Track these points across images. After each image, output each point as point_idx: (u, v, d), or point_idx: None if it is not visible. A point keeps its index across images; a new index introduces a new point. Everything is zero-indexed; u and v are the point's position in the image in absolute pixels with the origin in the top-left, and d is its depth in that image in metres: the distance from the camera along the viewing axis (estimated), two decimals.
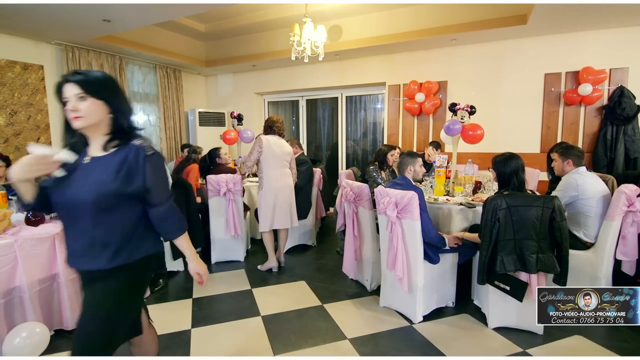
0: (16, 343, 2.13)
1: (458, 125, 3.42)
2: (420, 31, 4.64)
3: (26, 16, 3.59)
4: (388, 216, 2.55)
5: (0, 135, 4.14)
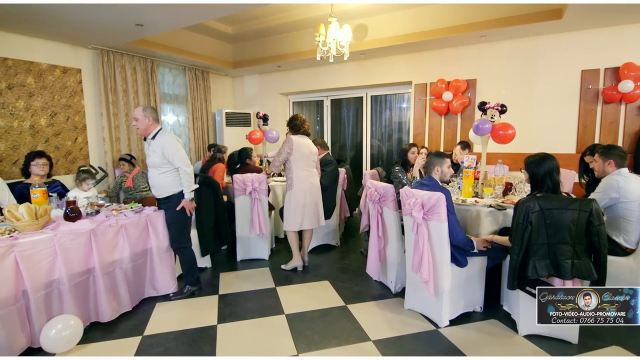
0: (52, 335, 2.25)
1: (488, 124, 3.31)
2: (448, 28, 4.53)
3: (66, 22, 3.79)
4: (414, 217, 2.51)
5: (42, 135, 4.39)
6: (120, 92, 5.02)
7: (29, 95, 4.24)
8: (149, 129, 2.93)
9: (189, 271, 3.10)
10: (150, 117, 2.90)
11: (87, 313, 2.56)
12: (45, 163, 3.43)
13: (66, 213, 2.61)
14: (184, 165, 2.86)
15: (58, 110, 4.52)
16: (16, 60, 4.12)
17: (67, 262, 2.39)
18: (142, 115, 2.88)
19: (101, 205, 2.97)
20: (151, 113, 2.92)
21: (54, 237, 2.36)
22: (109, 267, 2.65)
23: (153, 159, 2.91)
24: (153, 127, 2.94)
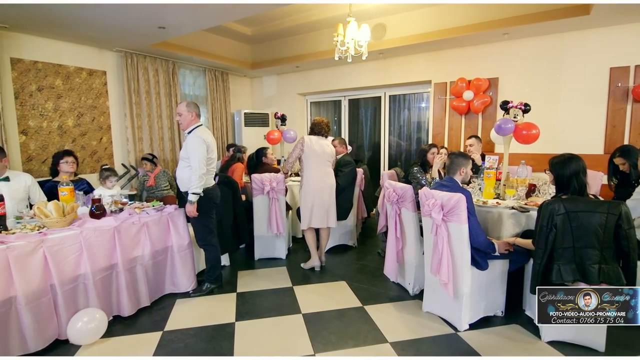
0: (78, 327, 2.33)
1: (510, 124, 3.23)
2: (469, 26, 4.44)
3: (92, 26, 3.92)
4: (433, 219, 2.47)
5: (69, 135, 4.55)
6: (143, 94, 5.16)
7: (57, 96, 4.40)
8: (190, 124, 2.99)
9: (211, 269, 3.14)
10: (193, 112, 2.99)
11: (110, 307, 2.64)
12: (73, 162, 3.56)
13: (91, 210, 2.70)
14: (196, 167, 2.84)
15: (84, 111, 4.68)
16: (46, 63, 4.29)
17: (92, 257, 2.47)
18: (186, 110, 2.96)
19: (125, 203, 3.06)
20: (194, 108, 3.00)
21: (80, 233, 2.45)
22: (130, 263, 2.73)
23: (182, 151, 3.00)
24: (194, 122, 3.00)
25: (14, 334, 2.15)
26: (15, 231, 2.35)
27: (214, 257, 3.14)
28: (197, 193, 2.86)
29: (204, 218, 3.02)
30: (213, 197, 3.07)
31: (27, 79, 4.14)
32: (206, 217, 3.03)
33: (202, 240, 3.09)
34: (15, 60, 4.03)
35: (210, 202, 3.05)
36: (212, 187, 3.06)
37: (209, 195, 3.02)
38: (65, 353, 2.29)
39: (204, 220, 3.03)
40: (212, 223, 3.10)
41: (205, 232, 3.07)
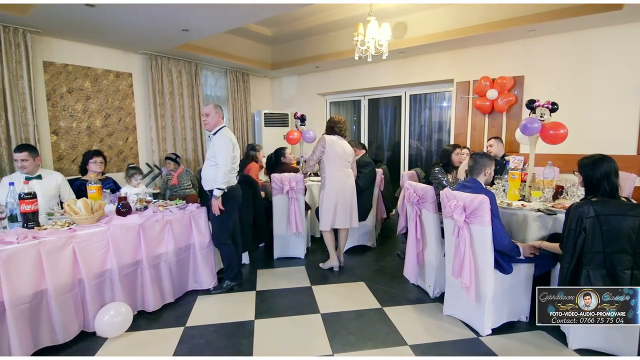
0: (105, 320, 2.42)
1: (537, 123, 3.13)
2: (493, 23, 4.33)
3: (119, 30, 4.05)
4: (455, 220, 2.42)
5: (97, 135, 4.72)
6: (167, 95, 5.29)
7: (86, 98, 4.57)
8: (216, 125, 3.10)
9: (229, 267, 3.19)
10: (220, 114, 3.14)
11: (135, 302, 2.72)
12: (102, 161, 3.69)
13: (118, 208, 2.79)
14: (223, 164, 2.94)
15: (111, 112, 4.85)
16: (75, 66, 4.46)
17: (118, 253, 2.55)
18: (214, 111, 3.10)
19: (149, 201, 3.14)
20: (220, 111, 3.17)
21: (107, 230, 2.53)
22: (155, 259, 2.80)
23: (208, 152, 3.11)
24: (219, 123, 3.13)
25: (44, 325, 2.24)
26: (47, 227, 2.46)
27: (229, 256, 3.18)
28: (221, 189, 2.95)
29: (225, 216, 3.06)
30: (236, 196, 3.13)
31: (59, 81, 4.32)
32: (227, 215, 3.08)
33: (217, 239, 3.14)
34: (47, 64, 4.22)
35: (233, 201, 3.10)
36: (235, 186, 3.13)
37: (232, 193, 3.08)
38: (91, 345, 2.37)
39: (225, 217, 3.07)
40: (231, 222, 3.15)
41: (222, 231, 3.11)
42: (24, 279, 2.12)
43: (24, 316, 2.12)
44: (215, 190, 2.96)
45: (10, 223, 2.43)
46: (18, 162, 3.00)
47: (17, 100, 3.84)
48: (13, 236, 2.18)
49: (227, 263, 3.19)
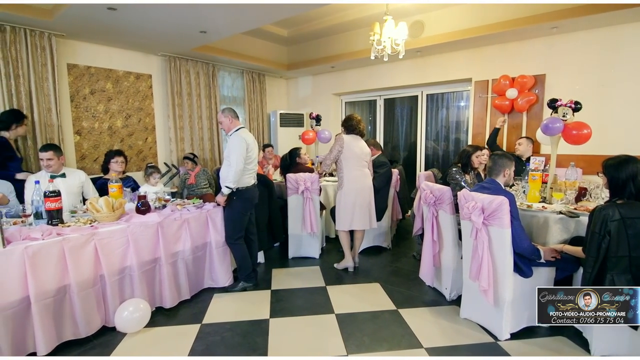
0: (124, 316, 2.47)
1: (559, 123, 3.04)
2: (513, 21, 4.22)
3: (140, 33, 4.15)
4: (473, 222, 2.38)
5: (118, 135, 4.84)
6: (185, 96, 5.38)
7: (107, 99, 4.70)
8: (230, 127, 3.15)
9: (241, 268, 3.20)
10: (229, 116, 3.16)
11: (153, 298, 2.77)
12: (123, 161, 3.79)
13: (137, 206, 2.85)
14: (234, 163, 2.95)
15: (132, 112, 4.96)
16: (98, 68, 4.59)
17: (137, 251, 2.61)
18: (222, 115, 3.16)
19: (167, 200, 3.20)
20: (229, 112, 3.18)
21: (127, 228, 2.59)
22: (172, 257, 2.85)
23: (225, 152, 3.16)
24: (233, 125, 3.16)
25: (67, 319, 2.31)
26: (70, 224, 2.53)
27: (238, 256, 3.18)
28: (229, 187, 2.98)
29: (237, 215, 3.10)
30: (250, 197, 3.14)
31: (82, 83, 4.45)
32: (240, 215, 3.10)
33: (229, 238, 3.16)
34: (71, 66, 4.35)
35: (247, 202, 3.12)
36: (251, 187, 3.14)
37: (246, 194, 3.10)
38: (112, 340, 2.43)
39: (237, 217, 3.10)
40: (243, 222, 3.15)
41: (234, 230, 3.13)
42: (48, 274, 2.19)
43: (48, 310, 2.20)
44: (223, 188, 3.01)
45: (35, 220, 2.52)
46: (44, 161, 3.10)
47: (43, 101, 3.98)
48: (38, 233, 2.26)
49: (239, 263, 3.20)
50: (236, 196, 3.06)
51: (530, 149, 4.08)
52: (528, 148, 4.02)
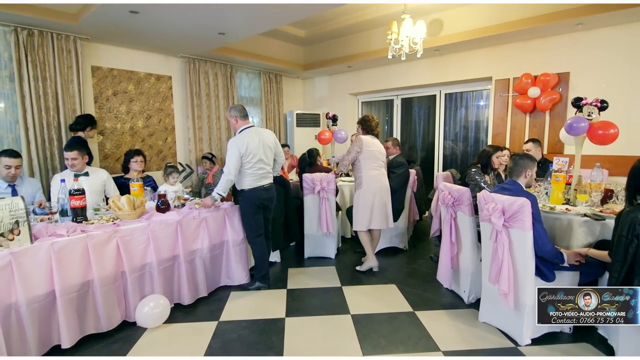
0: (145, 311, 2.54)
1: (584, 123, 2.94)
2: (536, 18, 4.11)
3: (161, 35, 4.24)
4: (493, 224, 2.33)
5: (139, 135, 4.96)
6: (204, 96, 5.47)
7: (129, 100, 4.82)
8: (235, 128, 3.11)
9: (257, 267, 3.22)
10: (234, 116, 3.09)
11: (171, 295, 2.83)
12: (142, 160, 3.88)
13: (158, 205, 2.91)
14: (226, 172, 2.97)
15: (152, 113, 5.08)
16: (120, 70, 4.72)
17: (157, 248, 2.67)
18: (228, 115, 3.13)
19: (186, 199, 3.26)
20: (234, 112, 3.09)
21: (148, 225, 2.65)
22: (190, 255, 2.91)
23: None
24: (239, 125, 3.09)
25: (89, 314, 2.38)
26: (94, 221, 2.61)
27: (258, 256, 3.21)
28: (219, 194, 2.98)
29: (246, 216, 3.14)
30: (256, 198, 3.09)
31: (105, 85, 4.58)
32: (248, 216, 3.13)
33: (247, 237, 3.24)
34: (95, 68, 4.49)
35: (251, 204, 3.09)
36: (257, 188, 3.09)
37: (249, 195, 3.08)
38: (132, 334, 2.49)
39: (246, 218, 3.15)
40: (255, 223, 3.14)
41: (249, 231, 3.18)
42: (73, 269, 2.27)
43: (72, 304, 2.27)
44: (213, 193, 3.00)
45: (61, 217, 2.61)
46: (69, 160, 3.20)
47: (68, 102, 4.12)
48: (64, 229, 2.34)
49: (257, 262, 3.24)
50: (241, 197, 3.12)
51: (539, 152, 3.93)
52: (537, 152, 3.87)
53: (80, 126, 3.97)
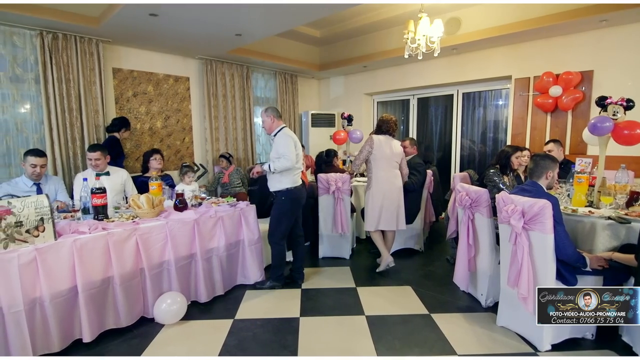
0: (163, 308, 2.58)
1: (608, 122, 2.84)
2: (558, 14, 4.00)
3: (179, 37, 4.32)
4: (512, 226, 2.27)
5: (158, 135, 5.07)
6: (220, 97, 5.54)
7: (149, 101, 4.93)
8: (272, 127, 3.16)
9: (275, 267, 3.23)
10: (271, 116, 3.15)
11: (188, 293, 2.87)
12: (160, 159, 3.96)
13: (176, 204, 2.97)
14: (285, 157, 2.99)
15: (170, 114, 5.18)
16: (140, 72, 4.83)
17: (175, 246, 2.72)
18: (265, 115, 3.18)
19: (203, 198, 3.31)
20: (272, 112, 3.17)
21: (166, 224, 2.70)
22: (207, 253, 2.95)
23: (271, 153, 3.15)
24: (276, 125, 3.15)
25: (109, 309, 2.45)
26: (114, 219, 2.68)
27: (276, 255, 3.22)
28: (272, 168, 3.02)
29: (286, 215, 3.12)
30: (299, 197, 3.16)
31: (125, 86, 4.70)
32: (288, 215, 3.13)
33: (273, 237, 3.18)
34: (116, 70, 4.61)
35: (296, 202, 3.14)
36: (299, 186, 3.16)
37: (296, 194, 3.12)
38: (150, 330, 2.55)
39: (285, 217, 3.12)
40: (290, 223, 3.17)
41: (279, 230, 3.15)
42: (94, 265, 2.33)
43: (93, 300, 2.33)
44: (266, 165, 3.05)
45: (83, 215, 2.69)
46: (92, 160, 3.30)
47: (90, 103, 4.24)
48: (86, 227, 2.41)
49: (275, 262, 3.24)
50: (285, 196, 3.09)
51: (561, 152, 3.82)
52: (560, 153, 3.76)
53: (115, 127, 4.22)
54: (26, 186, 3.04)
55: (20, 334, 2.02)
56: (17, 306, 2.01)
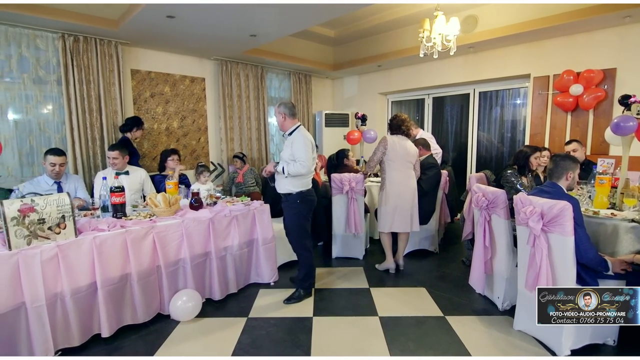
0: (178, 305, 2.63)
1: (632, 122, 2.74)
2: (579, 11, 3.89)
3: (195, 39, 4.39)
4: (531, 228, 2.22)
5: (174, 135, 5.15)
6: (235, 97, 5.60)
7: (165, 102, 5.02)
8: (284, 125, 2.94)
9: (306, 276, 3.04)
10: (282, 113, 2.91)
11: (203, 290, 2.91)
12: (178, 159, 4.03)
13: (191, 203, 3.01)
14: (302, 161, 2.79)
15: (186, 114, 5.26)
16: (157, 73, 4.92)
17: (190, 244, 2.76)
18: (277, 111, 2.95)
19: (218, 197, 3.35)
20: (284, 109, 2.91)
21: (182, 222, 2.75)
22: (221, 252, 2.98)
23: (284, 153, 2.94)
24: (289, 123, 2.93)
25: (127, 306, 2.50)
26: (132, 217, 2.74)
27: (308, 264, 3.02)
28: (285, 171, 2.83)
29: (302, 219, 2.99)
30: (313, 199, 3.03)
31: (143, 87, 4.80)
32: (304, 218, 3.01)
33: (297, 243, 3.03)
34: (134, 71, 4.71)
35: (310, 204, 3.01)
36: (311, 189, 3.04)
37: (310, 197, 3.00)
38: (166, 327, 2.59)
39: (302, 220, 3.00)
40: (308, 225, 3.05)
41: (301, 234, 3.01)
42: (113, 262, 2.39)
43: (112, 296, 2.39)
44: (280, 166, 2.86)
45: (102, 213, 2.75)
46: (110, 159, 3.38)
47: (110, 104, 4.35)
48: (105, 224, 2.47)
49: (305, 271, 3.03)
50: (300, 200, 2.94)
51: (583, 153, 3.71)
52: (582, 153, 3.65)
53: (127, 127, 4.24)
54: (47, 184, 3.14)
55: (42, 328, 2.09)
56: (39, 301, 2.08)
